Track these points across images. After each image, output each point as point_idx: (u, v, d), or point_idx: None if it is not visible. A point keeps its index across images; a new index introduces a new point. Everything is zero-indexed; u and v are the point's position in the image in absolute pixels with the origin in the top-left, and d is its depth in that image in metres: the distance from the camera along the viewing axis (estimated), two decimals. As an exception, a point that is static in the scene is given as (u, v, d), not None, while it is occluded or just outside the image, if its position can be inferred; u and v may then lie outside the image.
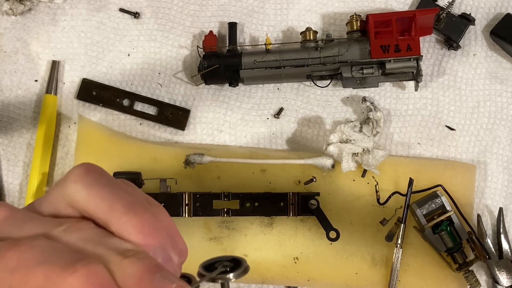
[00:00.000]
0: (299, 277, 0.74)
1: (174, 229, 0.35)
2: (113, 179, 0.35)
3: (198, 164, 0.75)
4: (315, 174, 0.74)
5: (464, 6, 0.78)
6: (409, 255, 0.73)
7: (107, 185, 0.34)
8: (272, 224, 0.74)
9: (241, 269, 0.36)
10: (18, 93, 0.81)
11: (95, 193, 0.33)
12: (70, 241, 0.32)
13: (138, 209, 0.33)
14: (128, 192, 0.35)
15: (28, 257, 0.30)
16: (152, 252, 0.32)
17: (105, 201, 0.33)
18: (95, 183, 0.34)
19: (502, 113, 0.76)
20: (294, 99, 0.78)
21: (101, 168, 0.36)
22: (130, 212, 0.33)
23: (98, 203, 0.33)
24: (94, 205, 0.33)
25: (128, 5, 0.81)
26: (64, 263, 0.29)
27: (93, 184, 0.34)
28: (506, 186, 0.75)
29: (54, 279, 0.29)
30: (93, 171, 0.35)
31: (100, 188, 0.34)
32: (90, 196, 0.33)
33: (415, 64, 0.71)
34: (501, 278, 0.70)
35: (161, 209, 0.35)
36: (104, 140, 0.77)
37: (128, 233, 0.32)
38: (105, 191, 0.34)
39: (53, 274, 0.29)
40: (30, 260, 0.30)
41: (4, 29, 0.81)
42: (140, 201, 0.34)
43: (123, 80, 0.80)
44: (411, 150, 0.76)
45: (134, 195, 0.35)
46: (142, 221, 0.33)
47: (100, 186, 0.34)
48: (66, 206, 0.34)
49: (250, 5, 0.80)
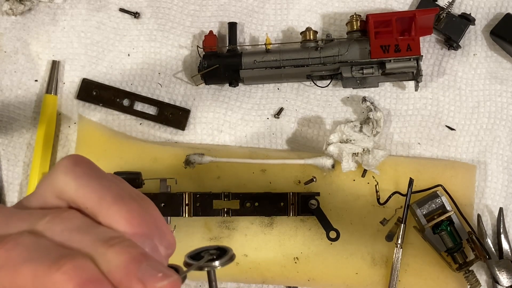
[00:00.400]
0: (299, 277, 0.74)
1: (162, 221, 0.35)
2: (101, 171, 0.36)
3: (198, 164, 0.75)
4: (315, 174, 0.74)
5: (464, 6, 0.78)
6: (409, 255, 0.73)
7: (96, 177, 0.34)
8: (272, 224, 0.74)
9: (227, 257, 0.36)
10: (18, 93, 0.81)
11: (84, 184, 0.34)
12: (55, 233, 0.32)
13: (127, 200, 0.33)
14: (117, 184, 0.35)
15: (14, 255, 0.30)
16: (139, 242, 0.32)
17: (95, 192, 0.33)
18: (84, 175, 0.34)
19: (502, 113, 0.76)
20: (294, 99, 0.78)
21: (89, 160, 0.36)
22: (119, 202, 0.33)
23: (87, 194, 0.33)
24: (83, 196, 0.33)
25: (128, 5, 0.81)
26: (49, 260, 0.30)
27: (82, 176, 0.34)
28: (506, 186, 0.75)
29: (41, 276, 0.29)
30: (82, 163, 0.35)
31: (90, 179, 0.34)
32: (79, 187, 0.34)
33: (415, 64, 0.71)
34: (501, 278, 0.70)
35: (149, 202, 0.35)
36: (104, 140, 0.77)
37: (116, 222, 0.32)
38: (94, 182, 0.34)
39: (39, 271, 0.29)
40: (16, 258, 0.30)
41: (4, 29, 0.81)
42: (129, 193, 0.34)
43: (123, 80, 0.80)
44: (411, 150, 0.76)
45: (123, 187, 0.35)
46: (131, 211, 0.33)
47: (89, 177, 0.34)
48: (54, 197, 0.35)
49: (250, 5, 0.80)
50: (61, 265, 0.29)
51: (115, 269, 0.30)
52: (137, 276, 0.30)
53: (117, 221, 0.32)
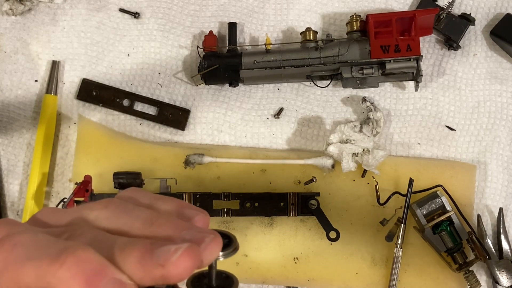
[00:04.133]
0: (299, 277, 0.74)
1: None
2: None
3: (198, 164, 0.75)
4: (315, 174, 0.74)
5: (464, 6, 0.78)
6: (409, 255, 0.73)
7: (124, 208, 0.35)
8: (272, 224, 0.74)
9: (231, 248, 0.34)
10: (18, 93, 0.81)
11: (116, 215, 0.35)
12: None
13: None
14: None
15: (13, 256, 0.29)
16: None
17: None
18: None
19: (502, 113, 0.76)
20: (294, 99, 0.78)
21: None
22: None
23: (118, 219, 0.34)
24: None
25: (128, 5, 0.81)
26: (50, 256, 0.29)
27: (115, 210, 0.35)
28: (506, 186, 0.75)
29: (45, 274, 0.28)
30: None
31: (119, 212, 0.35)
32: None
33: (415, 64, 0.71)
34: (501, 278, 0.70)
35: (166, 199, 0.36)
36: (104, 140, 0.77)
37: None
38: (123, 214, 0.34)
39: (42, 269, 0.28)
40: (16, 259, 0.29)
41: (4, 29, 0.81)
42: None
43: (123, 80, 0.80)
44: (411, 150, 0.76)
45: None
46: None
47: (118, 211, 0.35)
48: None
49: (250, 5, 0.80)
50: (62, 260, 0.28)
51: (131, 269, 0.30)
52: (153, 263, 0.30)
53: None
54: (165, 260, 0.29)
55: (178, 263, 0.29)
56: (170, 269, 0.29)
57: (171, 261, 0.29)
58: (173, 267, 0.29)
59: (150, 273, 0.29)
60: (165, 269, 0.29)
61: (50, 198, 0.78)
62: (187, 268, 0.30)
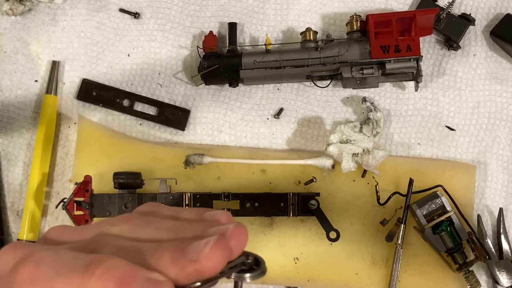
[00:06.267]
0: (299, 277, 0.74)
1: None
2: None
3: (198, 165, 0.75)
4: (315, 174, 0.74)
5: (464, 6, 0.78)
6: (409, 255, 0.73)
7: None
8: (272, 224, 0.74)
9: (259, 271, 0.35)
10: (18, 93, 0.81)
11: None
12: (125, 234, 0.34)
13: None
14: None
15: (41, 274, 0.30)
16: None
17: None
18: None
19: (502, 113, 0.76)
20: (294, 99, 0.78)
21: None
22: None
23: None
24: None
25: (128, 5, 0.81)
26: (79, 269, 0.29)
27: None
28: (506, 186, 0.75)
29: (77, 287, 0.29)
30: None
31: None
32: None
33: (415, 64, 0.71)
34: (501, 278, 0.70)
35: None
36: (104, 140, 0.77)
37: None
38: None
39: (74, 282, 0.29)
40: (45, 277, 0.30)
41: (4, 29, 0.81)
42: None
43: (123, 81, 0.80)
44: (411, 150, 0.76)
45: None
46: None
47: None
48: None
49: (250, 5, 0.80)
50: (92, 271, 0.29)
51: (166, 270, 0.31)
52: (186, 260, 0.30)
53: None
54: (197, 254, 0.30)
55: (211, 256, 0.30)
56: (204, 262, 0.30)
57: (203, 255, 0.30)
58: (206, 260, 0.30)
59: (185, 270, 0.30)
60: (199, 264, 0.30)
61: (50, 198, 0.78)
62: (219, 259, 0.31)
